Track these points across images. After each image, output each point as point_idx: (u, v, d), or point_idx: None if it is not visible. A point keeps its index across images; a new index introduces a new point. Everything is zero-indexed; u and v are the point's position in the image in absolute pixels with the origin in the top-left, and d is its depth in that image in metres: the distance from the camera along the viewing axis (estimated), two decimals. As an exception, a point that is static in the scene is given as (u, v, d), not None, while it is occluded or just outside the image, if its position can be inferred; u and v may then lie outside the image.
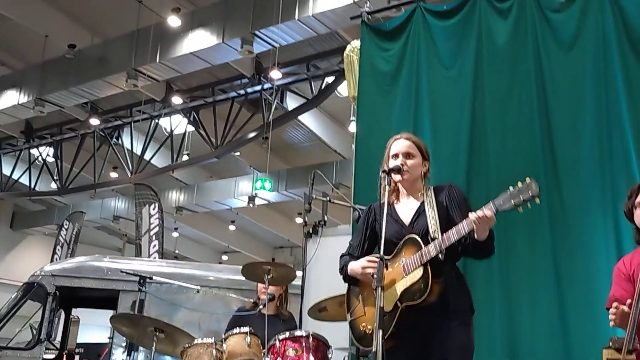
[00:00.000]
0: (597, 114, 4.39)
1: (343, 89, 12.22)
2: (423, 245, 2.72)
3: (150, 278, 4.27)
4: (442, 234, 2.75)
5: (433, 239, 2.75)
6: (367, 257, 2.84)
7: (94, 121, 14.52)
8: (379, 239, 2.81)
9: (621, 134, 4.25)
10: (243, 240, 21.04)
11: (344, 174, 13.43)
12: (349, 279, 2.95)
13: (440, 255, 2.70)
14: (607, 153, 4.30)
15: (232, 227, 20.76)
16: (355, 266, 2.88)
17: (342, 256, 3.06)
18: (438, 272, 2.70)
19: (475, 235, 2.67)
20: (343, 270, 2.97)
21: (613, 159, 4.27)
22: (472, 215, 2.62)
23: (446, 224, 2.81)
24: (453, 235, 2.68)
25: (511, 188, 2.60)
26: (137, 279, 4.38)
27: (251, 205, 16.62)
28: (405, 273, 2.72)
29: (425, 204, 2.90)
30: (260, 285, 4.48)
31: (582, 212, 4.32)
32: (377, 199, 3.05)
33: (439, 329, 2.71)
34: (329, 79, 12.10)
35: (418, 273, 2.68)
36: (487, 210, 2.60)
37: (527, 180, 2.57)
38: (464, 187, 4.78)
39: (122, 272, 4.98)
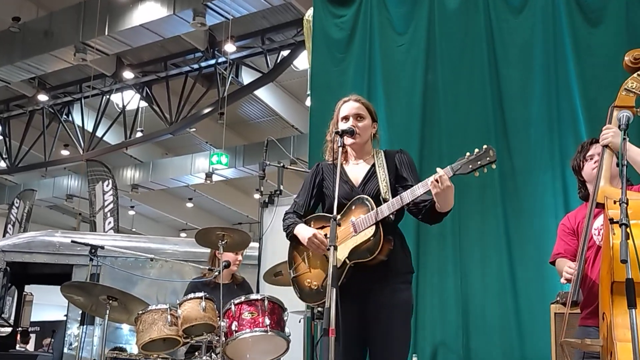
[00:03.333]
0: (546, 76, 4.47)
1: (299, 63, 12.15)
2: (375, 206, 2.74)
3: (102, 248, 4.18)
4: (392, 196, 2.78)
5: (385, 200, 2.77)
6: (319, 232, 2.79)
7: (42, 97, 14.14)
8: (332, 199, 2.83)
9: (569, 96, 4.34)
10: (201, 217, 20.86)
11: (301, 149, 13.40)
12: (293, 237, 2.94)
13: (391, 216, 2.74)
14: (555, 115, 4.39)
15: (189, 205, 20.58)
16: (303, 232, 2.84)
17: (286, 213, 3.04)
18: (388, 232, 2.75)
19: (437, 206, 2.69)
20: (289, 229, 2.94)
21: (561, 120, 4.36)
22: (429, 179, 2.64)
23: (395, 187, 2.86)
24: (407, 196, 2.70)
25: (468, 154, 2.62)
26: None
27: (208, 181, 16.49)
28: (355, 232, 2.73)
29: (376, 166, 2.92)
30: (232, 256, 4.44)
31: (532, 173, 4.42)
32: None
33: (384, 286, 2.76)
34: (285, 52, 11.99)
35: (369, 232, 2.70)
36: (442, 173, 2.61)
37: (485, 146, 2.60)
38: (417, 153, 4.84)
39: (73, 242, 4.88)
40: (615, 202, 2.18)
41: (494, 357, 4.28)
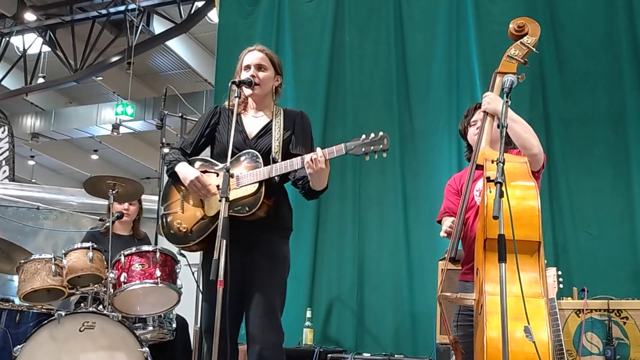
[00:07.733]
0: (447, 40, 4.56)
1: (214, 15, 11.80)
2: (262, 164, 2.72)
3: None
4: (282, 156, 2.78)
5: (274, 159, 2.77)
6: (202, 175, 2.75)
7: None
8: (223, 145, 2.80)
9: (468, 60, 4.45)
10: (107, 170, 20.10)
11: (214, 103, 13.12)
12: (174, 174, 2.87)
13: (276, 178, 2.75)
14: (455, 79, 4.50)
15: (94, 157, 19.84)
16: (186, 172, 2.77)
17: (172, 149, 2.96)
18: (271, 192, 2.74)
19: (311, 184, 2.70)
20: (171, 165, 2.86)
21: (460, 84, 4.48)
22: (307, 156, 2.63)
23: (287, 149, 2.85)
24: (296, 164, 2.68)
25: (364, 136, 2.62)
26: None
27: (115, 133, 15.91)
28: (238, 185, 2.71)
29: (273, 123, 2.89)
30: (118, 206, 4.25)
31: (430, 135, 4.54)
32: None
33: (259, 240, 2.75)
34: (199, 4, 11.61)
35: (252, 188, 2.68)
36: (320, 154, 2.61)
37: (381, 133, 2.61)
38: (322, 111, 4.86)
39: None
40: (493, 162, 2.25)
41: (385, 312, 4.43)
